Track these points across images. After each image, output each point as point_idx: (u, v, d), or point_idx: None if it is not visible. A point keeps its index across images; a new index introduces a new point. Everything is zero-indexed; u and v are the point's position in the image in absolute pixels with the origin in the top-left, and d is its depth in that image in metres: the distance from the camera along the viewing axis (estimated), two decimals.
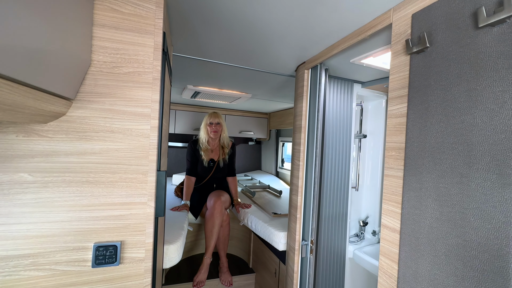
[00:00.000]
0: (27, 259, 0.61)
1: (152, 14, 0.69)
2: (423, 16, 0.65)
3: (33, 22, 0.38)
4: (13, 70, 0.36)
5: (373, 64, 1.16)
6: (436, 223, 0.59)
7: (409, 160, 0.67)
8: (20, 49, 0.36)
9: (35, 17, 0.39)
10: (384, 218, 0.75)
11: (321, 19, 0.86)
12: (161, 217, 0.78)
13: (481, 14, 0.51)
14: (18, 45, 0.36)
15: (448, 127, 0.58)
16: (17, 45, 0.35)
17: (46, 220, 0.62)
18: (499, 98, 0.49)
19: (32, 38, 0.39)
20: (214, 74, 1.56)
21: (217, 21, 0.90)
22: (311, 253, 1.20)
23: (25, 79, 0.40)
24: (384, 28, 0.80)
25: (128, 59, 0.67)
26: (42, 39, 0.42)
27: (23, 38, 0.36)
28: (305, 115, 1.27)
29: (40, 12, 0.40)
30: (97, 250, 0.64)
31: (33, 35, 0.39)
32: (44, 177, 0.61)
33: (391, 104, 0.75)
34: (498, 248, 0.48)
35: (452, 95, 0.57)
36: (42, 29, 0.41)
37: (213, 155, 2.09)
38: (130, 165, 0.68)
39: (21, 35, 0.36)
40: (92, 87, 0.65)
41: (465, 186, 0.54)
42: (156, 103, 0.70)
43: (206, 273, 1.80)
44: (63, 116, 0.62)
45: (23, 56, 0.37)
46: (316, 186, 1.19)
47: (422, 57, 0.65)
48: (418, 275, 0.63)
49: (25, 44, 0.37)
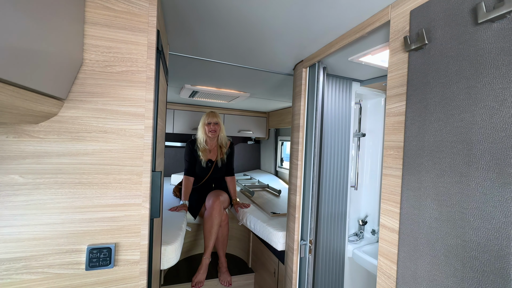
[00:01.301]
0: (19, 262, 0.60)
1: (145, 12, 0.68)
2: (422, 12, 0.64)
3: (20, 20, 0.37)
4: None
5: (372, 62, 1.15)
6: (435, 223, 0.58)
7: (407, 159, 0.66)
8: (6, 47, 0.35)
9: (22, 14, 0.37)
10: (383, 218, 0.74)
11: (318, 16, 0.84)
12: (157, 218, 0.76)
13: (481, 10, 0.50)
14: (3, 43, 0.34)
15: (447, 126, 0.57)
16: (2, 43, 0.34)
17: (38, 223, 0.61)
18: (499, 95, 0.48)
19: (19, 36, 0.38)
20: (212, 73, 1.54)
21: (213, 19, 0.89)
22: (310, 253, 1.20)
23: (12, 79, 0.39)
24: (382, 25, 0.79)
25: (121, 58, 0.66)
26: (30, 37, 0.41)
27: (8, 35, 0.35)
28: (303, 114, 1.26)
29: (28, 9, 0.39)
30: (91, 252, 0.63)
31: (20, 33, 0.38)
32: (35, 178, 0.60)
33: (390, 102, 0.74)
34: (498, 249, 0.47)
35: (451, 92, 0.56)
36: (29, 26, 0.40)
37: (211, 155, 2.08)
38: (124, 166, 0.67)
39: (7, 33, 0.35)
40: (84, 86, 0.63)
41: (465, 185, 0.53)
42: (150, 103, 0.69)
43: (205, 273, 1.79)
44: (54, 116, 0.61)
45: (9, 54, 0.36)
46: (314, 185, 1.18)
47: (421, 54, 0.64)
48: (417, 275, 0.62)
49: (11, 42, 0.36)
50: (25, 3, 0.38)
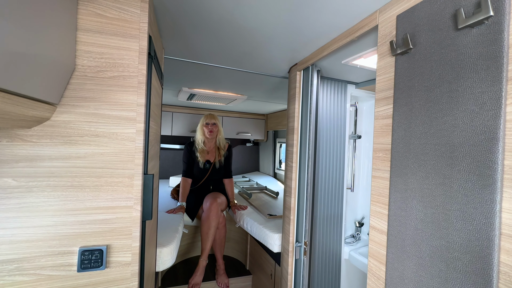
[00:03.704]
0: (12, 264, 0.61)
1: (137, 18, 0.69)
2: (407, 17, 0.65)
3: (12, 26, 0.38)
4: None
5: (365, 65, 1.16)
6: (421, 224, 0.59)
7: (395, 161, 0.67)
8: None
9: (14, 21, 0.39)
10: (372, 219, 0.75)
11: (308, 21, 0.86)
12: (149, 220, 0.78)
13: (460, 15, 0.51)
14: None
15: (431, 128, 0.58)
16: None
17: (31, 225, 0.62)
18: (478, 99, 0.49)
19: (11, 42, 0.39)
20: (208, 76, 1.56)
21: (205, 24, 0.91)
22: (305, 254, 1.20)
23: (3, 85, 0.40)
24: (371, 30, 0.80)
25: (113, 63, 0.68)
26: (22, 43, 0.42)
27: (0, 42, 0.36)
28: (298, 116, 1.27)
29: (20, 16, 0.40)
30: (83, 254, 0.64)
31: (12, 40, 0.39)
32: (28, 181, 0.62)
33: (378, 105, 0.75)
34: (479, 250, 0.48)
35: (435, 96, 0.57)
36: (22, 33, 0.41)
37: (209, 157, 2.09)
38: (115, 169, 0.68)
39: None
40: (77, 91, 0.65)
41: (448, 187, 0.54)
42: (141, 107, 0.70)
43: (201, 275, 1.79)
44: (47, 121, 0.63)
45: (1, 61, 0.37)
46: (309, 187, 1.18)
47: (406, 59, 0.65)
48: (404, 276, 0.63)
49: (3, 48, 0.37)
50: (17, 10, 0.39)
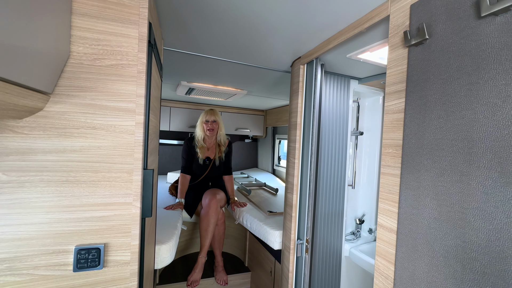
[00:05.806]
0: (3, 263, 0.57)
1: (136, 3, 0.65)
2: (422, 6, 0.62)
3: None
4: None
5: (370, 59, 1.13)
6: (435, 223, 0.57)
7: (406, 158, 0.64)
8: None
9: (1, 3, 0.35)
10: (381, 217, 0.72)
11: (316, 11, 0.82)
12: (149, 217, 0.74)
13: (484, 3, 0.48)
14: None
15: (448, 123, 0.55)
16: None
17: (23, 222, 0.58)
18: (502, 92, 0.46)
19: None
20: (208, 69, 1.51)
21: (207, 12, 0.86)
22: (307, 252, 1.18)
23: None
24: (381, 21, 0.77)
25: (111, 51, 0.63)
26: (10, 27, 0.38)
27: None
28: (301, 111, 1.24)
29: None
30: (79, 253, 0.61)
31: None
32: (20, 176, 0.58)
33: (388, 99, 0.72)
34: (499, 250, 0.46)
35: (452, 89, 0.55)
36: (10, 16, 0.37)
37: (209, 153, 2.05)
38: (113, 164, 0.64)
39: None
40: (72, 80, 0.61)
41: (465, 184, 0.51)
42: (141, 98, 0.66)
43: (200, 272, 1.77)
44: (40, 112, 0.59)
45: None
46: (311, 184, 1.16)
47: (421, 50, 0.62)
48: (415, 276, 0.61)
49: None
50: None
